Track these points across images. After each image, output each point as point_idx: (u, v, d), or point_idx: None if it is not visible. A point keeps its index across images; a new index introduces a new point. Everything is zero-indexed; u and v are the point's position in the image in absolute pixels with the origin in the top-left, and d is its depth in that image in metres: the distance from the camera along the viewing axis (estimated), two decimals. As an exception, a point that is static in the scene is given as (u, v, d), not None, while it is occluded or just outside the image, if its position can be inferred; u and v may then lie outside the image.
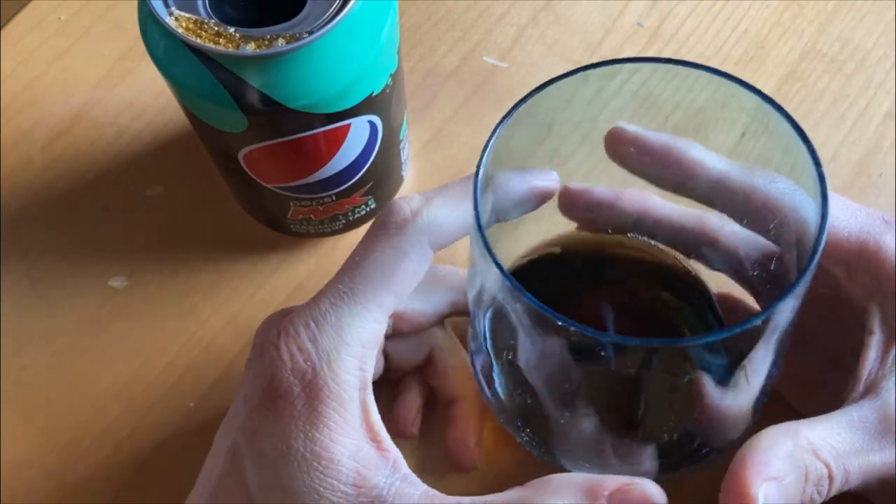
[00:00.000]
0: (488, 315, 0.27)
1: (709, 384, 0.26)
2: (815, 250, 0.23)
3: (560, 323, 0.22)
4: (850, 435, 0.26)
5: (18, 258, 0.39)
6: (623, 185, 0.30)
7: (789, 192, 0.28)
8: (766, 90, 0.41)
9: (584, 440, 0.27)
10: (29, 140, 0.42)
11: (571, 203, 0.31)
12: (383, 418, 0.27)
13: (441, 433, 0.34)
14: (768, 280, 0.29)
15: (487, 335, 0.28)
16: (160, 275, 0.39)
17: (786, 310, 0.23)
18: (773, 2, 0.44)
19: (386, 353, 0.33)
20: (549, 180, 0.28)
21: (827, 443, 0.26)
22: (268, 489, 0.25)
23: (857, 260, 0.28)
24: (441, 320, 0.33)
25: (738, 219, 0.29)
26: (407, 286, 0.26)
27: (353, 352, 0.26)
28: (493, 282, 0.24)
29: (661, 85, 0.28)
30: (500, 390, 0.29)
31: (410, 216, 0.26)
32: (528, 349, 0.25)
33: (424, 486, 0.26)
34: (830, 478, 0.25)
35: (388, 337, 0.31)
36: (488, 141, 0.24)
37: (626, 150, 0.29)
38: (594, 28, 0.43)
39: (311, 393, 0.25)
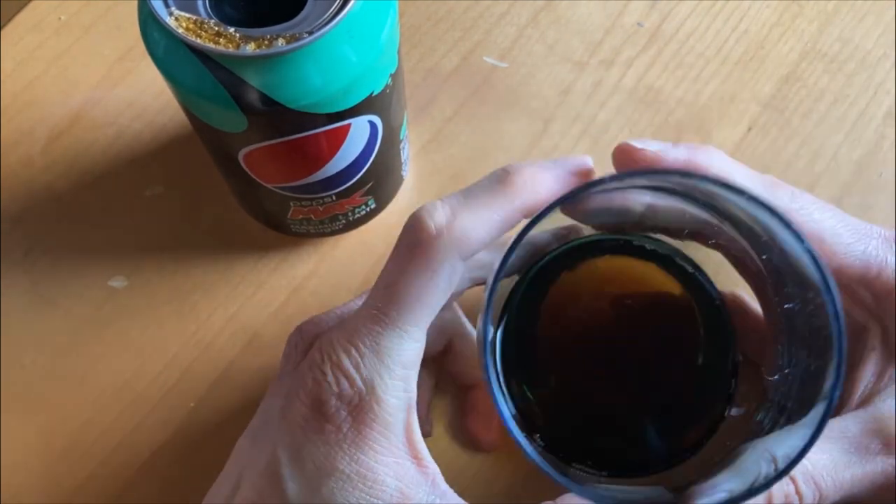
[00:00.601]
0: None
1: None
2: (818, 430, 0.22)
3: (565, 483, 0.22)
4: (829, 446, 0.26)
5: (18, 258, 0.39)
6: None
7: (814, 210, 0.28)
8: (765, 90, 0.41)
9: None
10: (29, 140, 0.42)
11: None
12: None
13: (448, 423, 0.35)
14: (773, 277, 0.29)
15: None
16: (160, 275, 0.39)
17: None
18: (773, 2, 0.44)
19: None
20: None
21: (805, 461, 0.26)
22: (309, 502, 0.26)
23: (859, 283, 0.29)
24: (459, 296, 0.33)
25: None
26: (441, 301, 0.26)
27: (396, 374, 0.26)
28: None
29: (662, 78, 0.27)
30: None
31: (436, 233, 0.26)
32: None
33: (462, 502, 0.26)
34: (799, 495, 0.26)
35: None
36: (505, 258, 0.24)
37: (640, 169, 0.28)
38: (594, 28, 0.43)
39: (358, 417, 0.25)
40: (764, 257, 0.27)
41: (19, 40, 0.44)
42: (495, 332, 0.29)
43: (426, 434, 0.34)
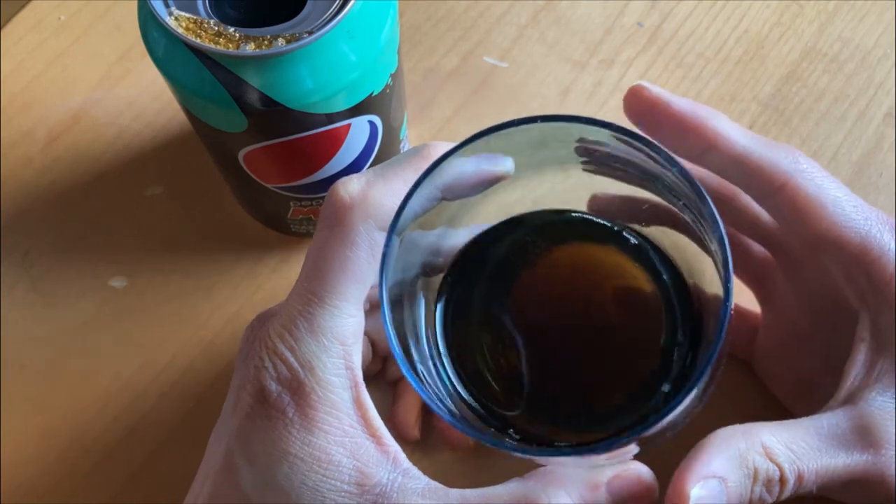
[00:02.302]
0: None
1: None
2: (716, 342, 0.22)
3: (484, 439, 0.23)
4: (814, 440, 0.26)
5: (18, 258, 0.39)
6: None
7: (814, 174, 0.27)
8: (766, 90, 0.42)
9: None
10: (29, 140, 0.42)
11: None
12: (385, 421, 0.27)
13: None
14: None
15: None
16: (160, 275, 0.39)
17: (687, 403, 0.23)
18: (773, 2, 0.44)
19: (371, 339, 0.32)
20: (502, 166, 0.27)
21: (784, 445, 0.26)
22: (265, 491, 0.25)
23: (856, 262, 0.28)
24: None
25: (759, 198, 0.29)
26: (367, 272, 0.26)
27: (335, 352, 0.25)
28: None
29: (662, 78, 0.27)
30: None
31: (350, 203, 0.26)
32: None
33: (426, 479, 0.26)
34: (782, 480, 0.26)
35: (367, 312, 0.31)
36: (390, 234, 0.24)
37: (646, 111, 0.28)
38: (594, 28, 0.43)
39: (301, 400, 0.25)
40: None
41: (19, 40, 0.44)
42: (434, 306, 0.29)
43: (412, 439, 0.34)
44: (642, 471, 0.26)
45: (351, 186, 0.26)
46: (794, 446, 0.26)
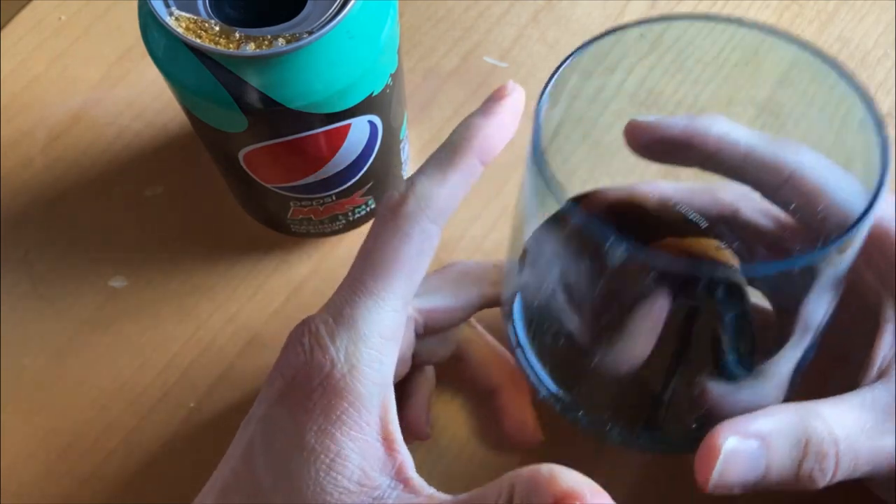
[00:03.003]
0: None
1: (726, 390, 0.25)
2: (876, 192, 0.22)
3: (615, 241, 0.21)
4: (863, 415, 0.26)
5: (18, 258, 0.39)
6: (622, 175, 0.30)
7: (817, 164, 0.28)
8: (765, 91, 0.41)
9: (615, 390, 0.27)
10: (29, 140, 0.42)
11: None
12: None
13: (452, 430, 0.34)
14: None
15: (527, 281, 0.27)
16: (160, 275, 0.39)
17: (846, 251, 0.22)
18: (773, 2, 0.44)
19: (413, 352, 0.32)
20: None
21: (841, 421, 0.25)
22: (277, 482, 0.25)
23: (872, 243, 0.28)
24: (472, 314, 0.33)
25: (769, 194, 0.29)
26: (416, 267, 0.26)
27: (373, 344, 0.25)
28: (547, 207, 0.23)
29: (663, 81, 0.27)
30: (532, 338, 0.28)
31: (402, 198, 0.26)
32: (575, 280, 0.25)
33: (431, 491, 0.25)
34: (837, 457, 0.25)
35: (420, 336, 0.31)
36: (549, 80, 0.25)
37: (647, 140, 0.28)
38: (594, 28, 0.43)
39: (329, 387, 0.25)
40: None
41: (19, 40, 0.44)
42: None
43: (425, 437, 0.34)
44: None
45: (402, 185, 0.27)
46: (850, 424, 0.25)
